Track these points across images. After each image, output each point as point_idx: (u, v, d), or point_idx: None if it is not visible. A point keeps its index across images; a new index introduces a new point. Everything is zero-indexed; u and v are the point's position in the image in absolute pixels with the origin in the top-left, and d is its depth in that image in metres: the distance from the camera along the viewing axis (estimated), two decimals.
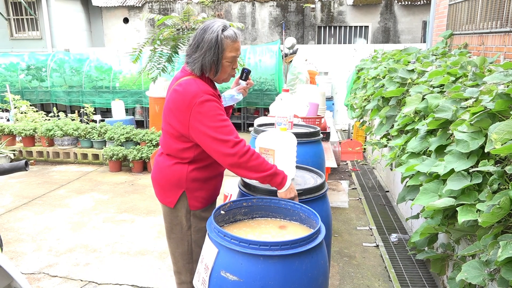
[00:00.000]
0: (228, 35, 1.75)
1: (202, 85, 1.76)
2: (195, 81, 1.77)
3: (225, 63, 1.79)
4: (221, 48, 1.74)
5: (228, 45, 1.76)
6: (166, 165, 1.89)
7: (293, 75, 7.07)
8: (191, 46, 1.80)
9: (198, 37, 1.77)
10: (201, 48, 1.75)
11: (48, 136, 5.97)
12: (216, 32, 1.73)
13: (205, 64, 1.76)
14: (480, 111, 1.85)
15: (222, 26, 1.76)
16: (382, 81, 3.85)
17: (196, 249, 1.94)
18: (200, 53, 1.75)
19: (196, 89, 1.72)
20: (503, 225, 1.57)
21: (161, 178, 1.91)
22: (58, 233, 3.68)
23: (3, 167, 1.75)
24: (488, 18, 4.20)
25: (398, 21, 11.80)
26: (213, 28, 1.74)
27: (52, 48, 11.14)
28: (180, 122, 1.75)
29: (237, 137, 1.70)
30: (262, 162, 1.70)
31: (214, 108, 1.71)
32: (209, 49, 1.73)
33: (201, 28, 1.78)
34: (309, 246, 1.36)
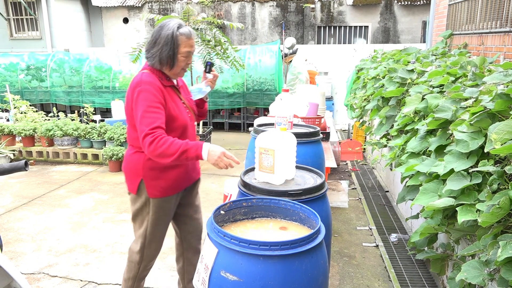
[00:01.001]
0: (183, 32, 1.92)
1: (148, 77, 1.93)
2: (143, 73, 1.95)
3: (180, 58, 1.95)
4: (176, 44, 1.91)
5: (183, 41, 1.93)
6: (128, 154, 2.09)
7: (293, 75, 7.07)
8: (149, 42, 1.96)
9: (156, 34, 1.93)
10: (158, 43, 1.92)
11: (48, 136, 5.96)
12: (171, 29, 1.90)
13: (162, 58, 1.93)
14: (480, 111, 1.85)
15: (178, 24, 1.93)
16: (382, 81, 3.85)
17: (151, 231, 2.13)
18: (157, 48, 1.92)
19: (138, 80, 1.92)
20: (502, 225, 1.57)
21: (124, 166, 2.12)
22: (58, 233, 3.68)
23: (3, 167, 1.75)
24: (487, 18, 4.21)
25: (398, 21, 11.80)
26: (169, 26, 1.91)
27: (52, 48, 11.14)
28: (128, 111, 1.96)
29: (152, 129, 1.83)
30: (169, 146, 1.81)
31: (147, 98, 1.88)
32: (165, 44, 1.90)
33: (159, 26, 1.95)
34: (309, 246, 1.36)
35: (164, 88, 1.98)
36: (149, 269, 2.29)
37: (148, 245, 2.16)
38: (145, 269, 2.24)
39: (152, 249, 2.19)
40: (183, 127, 2.06)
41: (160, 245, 2.23)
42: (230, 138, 7.75)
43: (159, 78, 1.98)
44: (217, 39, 5.78)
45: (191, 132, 2.18)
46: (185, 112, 2.10)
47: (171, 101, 2.00)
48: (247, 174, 2.15)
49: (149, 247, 2.17)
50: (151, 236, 2.15)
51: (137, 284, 2.28)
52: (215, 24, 6.05)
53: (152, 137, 1.81)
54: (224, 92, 8.17)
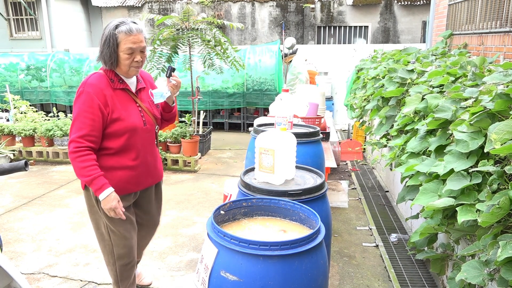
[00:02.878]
0: (121, 30, 1.91)
1: (95, 79, 1.96)
2: (93, 74, 1.99)
3: (122, 55, 1.95)
4: (114, 42, 1.92)
5: (122, 38, 1.92)
6: None
7: (292, 75, 7.07)
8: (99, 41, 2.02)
9: (101, 35, 1.99)
10: (102, 44, 1.96)
11: (47, 136, 5.96)
12: (109, 29, 1.93)
13: (105, 59, 1.96)
14: (480, 111, 1.85)
15: (119, 22, 1.94)
16: (382, 81, 3.85)
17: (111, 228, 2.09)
18: (101, 47, 1.97)
19: (84, 81, 1.96)
20: (502, 225, 1.57)
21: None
22: (58, 233, 3.68)
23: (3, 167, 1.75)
24: (487, 18, 4.21)
25: (397, 21, 11.80)
26: (109, 26, 1.94)
27: (52, 48, 11.14)
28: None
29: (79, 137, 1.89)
30: (85, 167, 1.89)
31: (83, 101, 1.91)
32: (105, 44, 1.93)
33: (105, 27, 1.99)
34: (309, 246, 1.36)
35: (112, 91, 1.99)
36: (131, 268, 2.22)
37: (115, 244, 2.12)
38: (124, 269, 2.19)
39: (120, 246, 2.13)
40: (131, 130, 2.04)
41: (130, 241, 2.16)
42: (230, 138, 7.75)
43: (110, 80, 2.00)
44: (217, 39, 5.78)
45: (146, 137, 2.14)
46: (138, 116, 2.07)
47: (118, 104, 1.99)
48: (247, 174, 2.15)
49: (117, 245, 2.12)
50: (113, 234, 2.10)
51: (126, 286, 2.23)
52: (215, 24, 6.05)
53: (76, 148, 1.89)
54: (224, 92, 8.17)
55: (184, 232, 3.68)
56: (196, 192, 4.75)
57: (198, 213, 4.10)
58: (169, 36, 5.59)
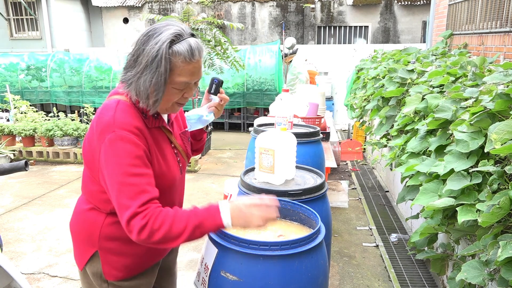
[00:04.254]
0: (179, 51, 1.19)
1: (125, 113, 1.24)
2: (118, 105, 1.25)
3: (170, 90, 1.24)
4: (166, 69, 1.19)
5: (177, 65, 1.20)
6: (80, 210, 1.39)
7: (293, 75, 7.07)
8: (129, 58, 1.25)
9: (139, 46, 1.22)
10: (139, 62, 1.20)
11: (48, 136, 5.96)
12: (160, 44, 1.17)
13: (139, 88, 1.21)
14: (480, 111, 1.85)
15: (174, 35, 1.19)
16: (382, 81, 3.85)
17: None
18: (136, 70, 1.21)
19: (110, 119, 1.21)
20: (503, 225, 1.57)
21: (72, 225, 1.42)
22: (58, 233, 3.68)
23: (3, 167, 1.75)
24: (488, 18, 4.21)
25: (398, 21, 11.80)
26: (160, 37, 1.18)
27: (52, 48, 11.14)
28: (92, 156, 1.27)
29: (143, 204, 1.17)
30: (172, 224, 1.18)
31: (126, 154, 1.19)
32: (146, 67, 1.19)
33: (146, 33, 1.23)
34: (309, 246, 1.36)
35: (148, 132, 1.29)
36: None
37: None
38: None
39: None
40: (170, 186, 1.39)
41: None
42: (230, 138, 7.75)
43: (141, 114, 1.29)
44: (217, 39, 5.78)
45: (180, 189, 1.52)
46: (175, 162, 1.41)
47: (156, 150, 1.32)
48: (247, 174, 2.15)
49: None
50: None
51: None
52: (215, 24, 6.05)
53: (145, 219, 1.15)
54: None
55: None
56: (196, 192, 4.75)
57: None
58: None
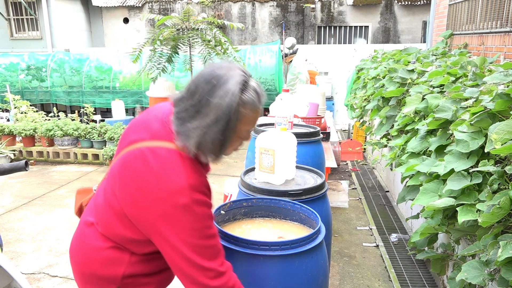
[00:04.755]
0: (248, 101, 1.11)
1: (194, 172, 1.14)
2: (183, 160, 1.13)
3: (235, 139, 1.18)
4: (236, 121, 1.11)
5: (246, 115, 1.12)
6: (96, 248, 1.25)
7: (293, 75, 7.07)
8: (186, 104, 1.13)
9: (202, 94, 1.10)
10: (204, 114, 1.10)
11: (48, 136, 5.96)
12: (231, 97, 1.08)
13: (206, 143, 1.12)
14: (480, 111, 1.85)
15: (241, 83, 1.10)
16: (382, 81, 3.85)
17: None
18: (201, 122, 1.10)
19: (183, 182, 1.10)
20: (503, 225, 1.57)
21: (84, 263, 1.28)
22: (58, 233, 3.68)
23: (3, 167, 1.75)
24: (488, 18, 4.20)
25: (398, 21, 11.80)
26: (228, 88, 1.08)
27: (52, 48, 11.14)
28: (139, 213, 1.14)
29: (222, 263, 1.17)
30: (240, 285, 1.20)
31: (202, 218, 1.12)
32: (216, 122, 1.09)
33: (207, 80, 1.11)
34: (309, 246, 1.36)
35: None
36: None
37: None
38: None
39: None
40: None
41: None
42: None
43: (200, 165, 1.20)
44: (217, 39, 5.78)
45: None
46: None
47: None
48: (247, 174, 2.15)
49: None
50: None
51: None
52: (215, 24, 6.04)
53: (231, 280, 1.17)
54: None
55: None
56: None
57: None
58: (170, 36, 5.59)
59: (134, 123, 1.29)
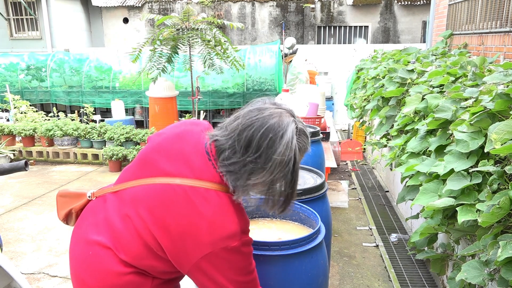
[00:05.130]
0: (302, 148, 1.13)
1: (242, 215, 1.14)
2: (233, 205, 1.12)
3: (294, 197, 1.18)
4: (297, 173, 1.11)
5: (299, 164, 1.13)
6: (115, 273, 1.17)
7: (293, 75, 7.07)
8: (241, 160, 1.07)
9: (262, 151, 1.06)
10: (268, 171, 1.06)
11: (48, 136, 5.96)
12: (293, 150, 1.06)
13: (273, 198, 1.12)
14: (480, 111, 1.85)
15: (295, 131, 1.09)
16: (382, 81, 3.85)
17: None
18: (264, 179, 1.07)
19: (236, 227, 1.09)
20: (503, 225, 1.57)
21: (102, 286, 1.18)
22: (58, 233, 3.68)
23: (3, 167, 1.75)
24: (487, 18, 4.21)
25: (398, 21, 11.80)
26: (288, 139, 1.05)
27: (52, 48, 11.14)
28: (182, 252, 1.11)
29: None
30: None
31: (248, 257, 1.14)
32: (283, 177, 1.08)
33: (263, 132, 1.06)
34: (309, 246, 1.36)
35: None
36: None
37: None
38: None
39: None
40: None
41: None
42: None
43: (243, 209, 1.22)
44: (217, 39, 5.78)
45: None
46: None
47: None
48: None
49: None
50: None
51: None
52: (215, 24, 6.04)
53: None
54: (224, 92, 8.17)
55: None
56: None
57: None
58: (169, 36, 5.59)
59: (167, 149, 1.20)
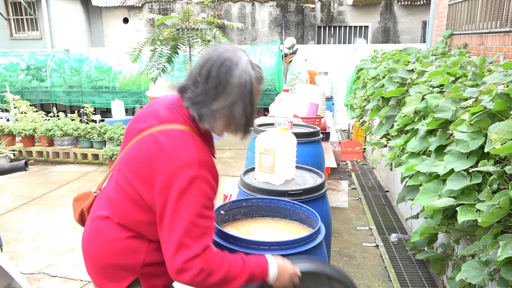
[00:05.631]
0: (257, 76, 1.25)
1: (201, 147, 1.22)
2: (192, 138, 1.22)
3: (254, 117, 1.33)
4: (254, 96, 1.24)
5: (256, 88, 1.25)
6: (115, 238, 1.28)
7: (293, 75, 7.07)
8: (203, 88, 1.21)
9: (221, 78, 1.20)
10: (227, 94, 1.20)
11: (48, 136, 5.96)
12: (249, 74, 1.21)
13: (233, 120, 1.24)
14: (480, 111, 1.85)
15: (249, 61, 1.25)
16: (382, 81, 3.85)
17: None
18: (224, 103, 1.20)
19: (193, 156, 1.18)
20: (502, 225, 1.57)
21: (103, 255, 1.30)
22: (58, 233, 3.68)
23: (3, 167, 1.75)
24: (487, 18, 4.21)
25: (398, 21, 11.80)
26: (243, 67, 1.21)
27: (52, 48, 11.14)
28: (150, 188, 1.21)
29: (204, 248, 1.16)
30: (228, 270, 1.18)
31: (202, 193, 1.18)
32: (241, 98, 1.21)
33: (220, 64, 1.20)
34: (309, 246, 1.36)
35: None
36: None
37: None
38: None
39: None
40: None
41: None
42: (230, 138, 7.71)
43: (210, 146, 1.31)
44: (217, 39, 5.78)
45: None
46: None
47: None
48: (247, 174, 2.15)
49: None
50: None
51: None
52: (215, 24, 6.05)
53: (206, 263, 1.14)
54: None
55: None
56: None
57: None
58: (169, 36, 5.59)
59: (140, 115, 1.34)
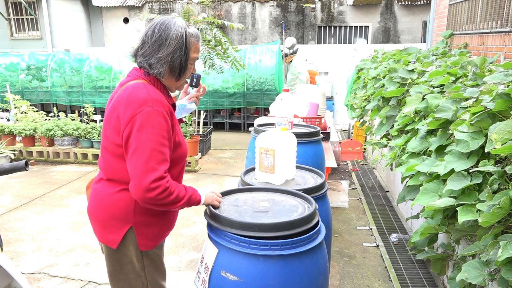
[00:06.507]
0: (192, 33, 1.56)
1: (154, 92, 1.50)
2: (145, 86, 1.50)
3: (189, 66, 1.59)
4: (189, 47, 1.54)
5: (193, 44, 1.56)
6: (107, 193, 1.56)
7: (293, 75, 7.06)
8: (149, 44, 1.51)
9: (161, 33, 1.50)
10: (168, 45, 1.49)
11: (48, 136, 5.96)
12: (183, 29, 1.52)
13: (174, 66, 1.52)
14: (480, 111, 1.85)
15: (184, 22, 1.57)
16: (382, 81, 3.85)
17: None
18: (167, 51, 1.49)
19: (145, 95, 1.45)
20: (503, 225, 1.57)
21: (100, 210, 1.57)
22: (58, 233, 3.68)
23: (3, 167, 1.75)
24: (488, 18, 4.20)
25: (398, 21, 11.80)
26: (178, 24, 1.52)
27: (52, 48, 11.14)
28: (114, 131, 1.48)
29: (165, 171, 1.44)
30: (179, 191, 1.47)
31: (159, 125, 1.44)
32: (179, 48, 1.50)
33: (161, 23, 1.52)
34: (309, 246, 1.36)
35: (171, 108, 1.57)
36: None
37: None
38: None
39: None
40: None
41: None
42: (230, 138, 7.74)
43: (165, 95, 1.57)
44: (217, 39, 5.78)
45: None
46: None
47: (176, 124, 1.60)
48: (247, 174, 2.15)
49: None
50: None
51: None
52: (216, 24, 6.04)
53: (168, 183, 1.42)
54: (224, 92, 8.17)
55: (185, 232, 3.68)
56: None
57: (198, 213, 4.10)
58: None
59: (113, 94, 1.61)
